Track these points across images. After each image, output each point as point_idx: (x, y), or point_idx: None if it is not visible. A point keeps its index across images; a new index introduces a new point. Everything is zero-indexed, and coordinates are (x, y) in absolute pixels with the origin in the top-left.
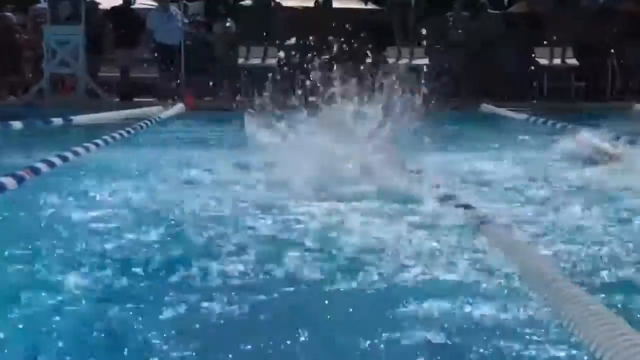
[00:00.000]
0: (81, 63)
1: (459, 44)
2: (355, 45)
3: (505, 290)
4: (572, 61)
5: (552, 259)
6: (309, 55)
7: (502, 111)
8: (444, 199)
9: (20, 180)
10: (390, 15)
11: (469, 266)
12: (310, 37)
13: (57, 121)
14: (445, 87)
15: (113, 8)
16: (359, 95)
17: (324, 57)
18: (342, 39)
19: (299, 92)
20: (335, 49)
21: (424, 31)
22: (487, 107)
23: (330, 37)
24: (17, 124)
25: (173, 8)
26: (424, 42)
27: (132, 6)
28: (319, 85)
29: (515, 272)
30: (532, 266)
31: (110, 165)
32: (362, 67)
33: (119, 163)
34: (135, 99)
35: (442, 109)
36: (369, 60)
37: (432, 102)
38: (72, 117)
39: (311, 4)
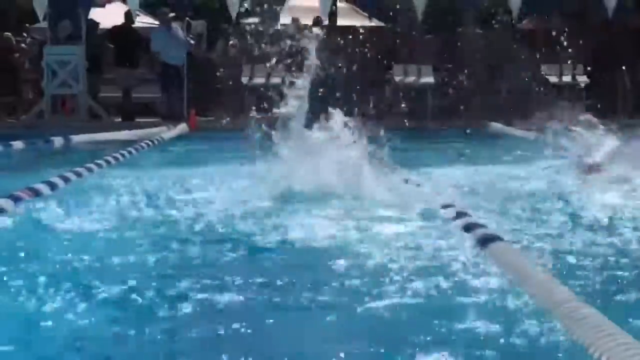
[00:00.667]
0: (82, 83)
1: (471, 61)
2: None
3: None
4: (582, 78)
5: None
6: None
7: (510, 130)
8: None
9: (17, 200)
10: (397, 32)
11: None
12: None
13: (58, 141)
14: (454, 105)
15: (114, 27)
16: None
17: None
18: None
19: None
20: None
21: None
22: (495, 126)
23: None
24: (18, 144)
25: (175, 25)
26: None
27: (133, 25)
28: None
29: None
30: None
31: (111, 186)
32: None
33: (120, 183)
34: (138, 119)
35: (450, 126)
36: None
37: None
38: (72, 137)
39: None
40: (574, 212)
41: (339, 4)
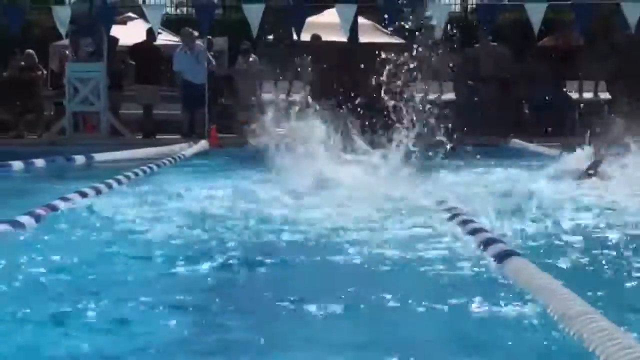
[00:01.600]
0: (103, 100)
1: (490, 76)
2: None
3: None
4: (606, 95)
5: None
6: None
7: (533, 147)
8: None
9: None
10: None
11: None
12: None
13: (80, 159)
14: (475, 121)
15: (135, 44)
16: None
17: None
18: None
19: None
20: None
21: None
22: (516, 142)
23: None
24: (39, 162)
25: (198, 43)
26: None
27: (155, 42)
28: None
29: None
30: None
31: (133, 203)
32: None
33: (142, 200)
34: (158, 136)
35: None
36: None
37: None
38: (94, 155)
39: (337, 38)
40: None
41: (360, 21)
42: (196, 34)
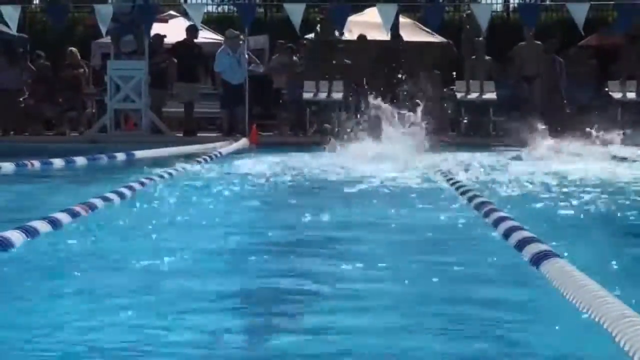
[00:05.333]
0: (144, 98)
1: (536, 75)
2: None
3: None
4: None
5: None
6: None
7: None
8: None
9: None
10: (460, 49)
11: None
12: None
13: (120, 156)
14: (517, 120)
15: (177, 42)
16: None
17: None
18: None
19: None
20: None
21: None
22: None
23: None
24: (80, 160)
25: (241, 46)
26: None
27: (196, 40)
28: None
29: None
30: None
31: (169, 200)
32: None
33: (180, 198)
34: (199, 134)
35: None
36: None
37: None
38: (134, 152)
39: (380, 38)
40: None
41: (401, 20)
42: (241, 36)
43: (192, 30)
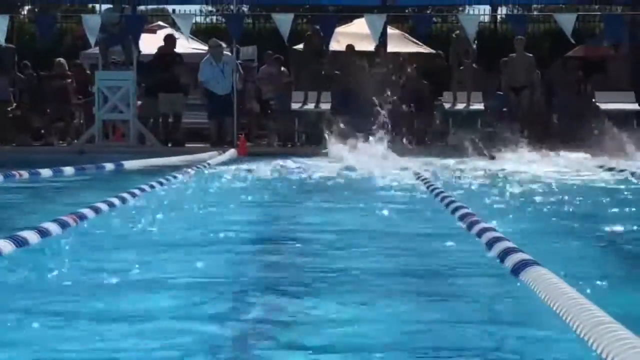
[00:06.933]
0: (132, 109)
1: (524, 86)
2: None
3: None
4: (634, 106)
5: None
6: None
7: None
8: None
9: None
10: (448, 61)
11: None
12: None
13: (109, 167)
14: (505, 131)
15: (156, 53)
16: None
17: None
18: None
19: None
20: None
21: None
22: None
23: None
24: (68, 170)
25: (226, 54)
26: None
27: (182, 50)
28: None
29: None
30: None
31: (159, 210)
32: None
33: (169, 207)
34: (188, 145)
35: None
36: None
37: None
38: (123, 163)
39: (366, 48)
40: None
41: (389, 31)
42: (224, 45)
43: (170, 40)
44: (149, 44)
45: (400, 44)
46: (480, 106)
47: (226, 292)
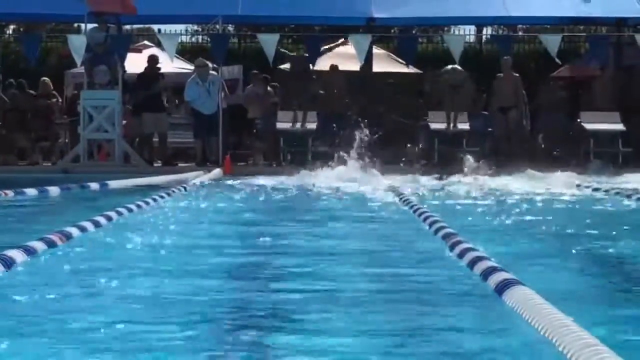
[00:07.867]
0: (117, 128)
1: (511, 106)
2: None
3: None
4: (619, 126)
5: None
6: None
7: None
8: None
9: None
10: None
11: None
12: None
13: (94, 186)
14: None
15: (140, 73)
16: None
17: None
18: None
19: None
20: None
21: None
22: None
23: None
24: (54, 190)
25: (212, 74)
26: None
27: (166, 70)
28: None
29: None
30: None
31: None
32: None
33: (152, 228)
34: (174, 164)
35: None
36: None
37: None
38: (107, 182)
39: (351, 68)
40: None
41: (374, 51)
42: (210, 65)
43: (153, 59)
44: (135, 63)
45: (386, 63)
46: (465, 126)
47: (201, 315)
